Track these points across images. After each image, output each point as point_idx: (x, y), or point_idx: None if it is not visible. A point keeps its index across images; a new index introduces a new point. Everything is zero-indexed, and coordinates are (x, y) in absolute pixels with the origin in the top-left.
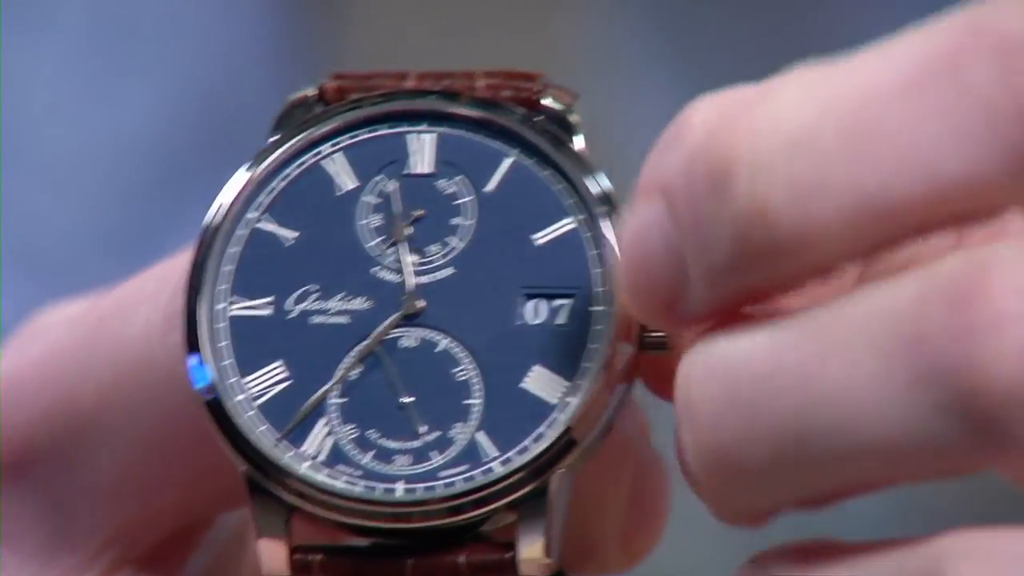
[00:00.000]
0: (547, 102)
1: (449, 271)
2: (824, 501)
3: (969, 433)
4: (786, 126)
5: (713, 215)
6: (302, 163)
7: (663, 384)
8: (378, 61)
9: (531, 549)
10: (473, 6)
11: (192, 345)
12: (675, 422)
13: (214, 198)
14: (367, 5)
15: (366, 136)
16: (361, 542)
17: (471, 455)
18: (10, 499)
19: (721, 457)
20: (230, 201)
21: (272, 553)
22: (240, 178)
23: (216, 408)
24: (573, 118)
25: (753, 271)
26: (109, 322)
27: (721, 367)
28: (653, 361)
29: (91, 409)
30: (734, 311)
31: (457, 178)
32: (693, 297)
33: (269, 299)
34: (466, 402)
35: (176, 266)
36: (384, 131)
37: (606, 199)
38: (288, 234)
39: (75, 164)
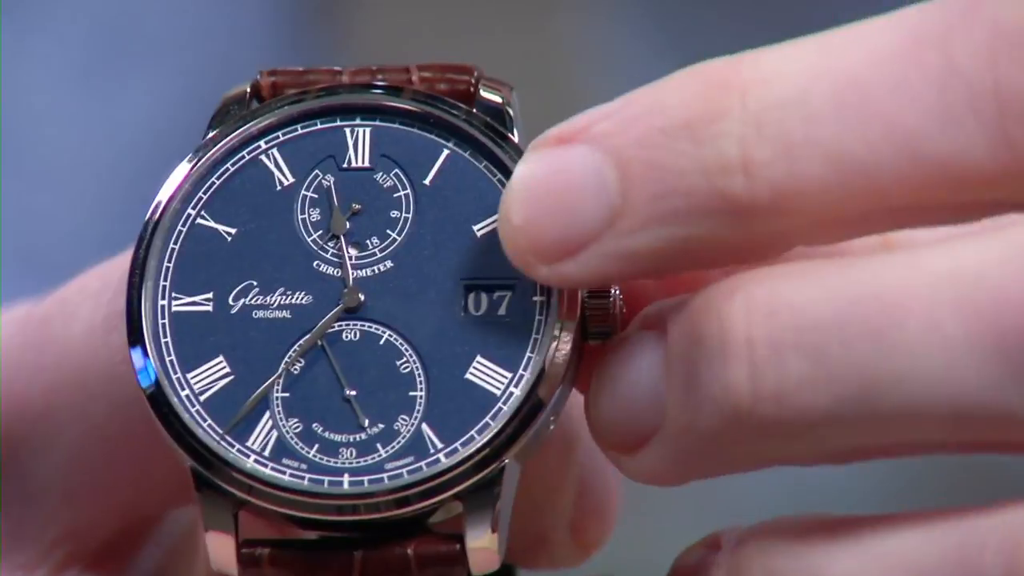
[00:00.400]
0: (483, 95)
1: (388, 264)
2: (856, 458)
3: None
4: (779, 85)
5: (682, 163)
6: (239, 159)
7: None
8: (380, 61)
9: (479, 540)
10: (475, 7)
11: (135, 342)
12: (675, 360)
13: None
14: (368, 6)
15: (302, 131)
16: (309, 535)
17: (416, 447)
18: None
19: (779, 400)
20: (168, 197)
21: (220, 547)
22: (178, 174)
23: (160, 404)
24: (509, 110)
25: (710, 226)
26: (53, 322)
27: (786, 309)
28: (594, 350)
29: (38, 408)
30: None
31: (394, 171)
32: (603, 248)
33: (209, 295)
34: (410, 394)
35: (118, 265)
36: (320, 126)
37: None
38: (227, 230)
39: (75, 164)
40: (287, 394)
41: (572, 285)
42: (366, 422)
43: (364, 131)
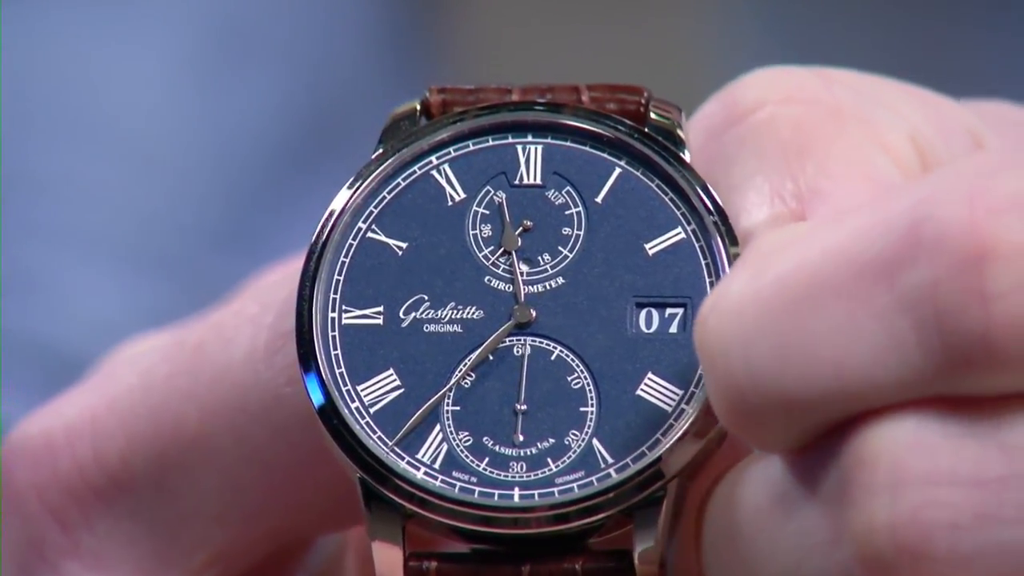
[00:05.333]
0: (653, 116)
1: (560, 280)
2: None
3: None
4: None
5: None
6: (410, 175)
7: None
8: (492, 64)
9: (647, 556)
10: (588, 8)
11: (305, 354)
12: None
13: (319, 198)
14: (482, 10)
15: (474, 148)
16: (476, 548)
17: (587, 462)
18: (108, 520)
19: None
20: (339, 212)
21: (387, 558)
22: (348, 190)
23: (330, 416)
24: (680, 132)
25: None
26: (210, 346)
27: None
28: None
29: (194, 433)
30: None
31: (566, 189)
32: None
33: (380, 308)
34: (581, 409)
35: (277, 287)
36: (491, 143)
37: (716, 210)
38: (398, 244)
39: (184, 160)
40: (457, 407)
41: None
42: (521, 439)
43: (536, 148)
